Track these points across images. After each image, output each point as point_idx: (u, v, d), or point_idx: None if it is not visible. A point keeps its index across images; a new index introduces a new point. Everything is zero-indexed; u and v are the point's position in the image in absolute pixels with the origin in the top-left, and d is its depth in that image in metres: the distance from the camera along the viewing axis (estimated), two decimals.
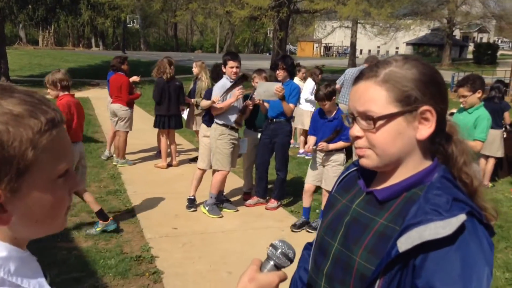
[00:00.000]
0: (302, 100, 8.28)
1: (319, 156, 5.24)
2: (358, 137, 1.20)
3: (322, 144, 5.00)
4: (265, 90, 5.56)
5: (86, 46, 54.78)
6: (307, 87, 8.75)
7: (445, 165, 1.21)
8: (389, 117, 1.14)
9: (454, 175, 1.20)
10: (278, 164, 6.05)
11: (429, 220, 1.05)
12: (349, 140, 5.23)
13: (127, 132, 7.90)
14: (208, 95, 5.87)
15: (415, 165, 1.19)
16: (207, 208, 5.70)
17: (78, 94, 17.44)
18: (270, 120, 5.96)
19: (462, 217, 1.04)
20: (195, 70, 7.81)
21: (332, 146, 5.05)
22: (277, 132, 5.91)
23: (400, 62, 1.18)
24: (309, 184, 5.39)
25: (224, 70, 5.62)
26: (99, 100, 15.50)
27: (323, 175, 5.25)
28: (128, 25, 44.51)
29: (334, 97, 5.11)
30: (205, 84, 7.68)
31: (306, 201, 5.46)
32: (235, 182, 6.98)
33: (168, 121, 7.69)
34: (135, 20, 45.02)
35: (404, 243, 1.05)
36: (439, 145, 1.23)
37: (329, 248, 1.29)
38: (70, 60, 30.94)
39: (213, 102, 5.54)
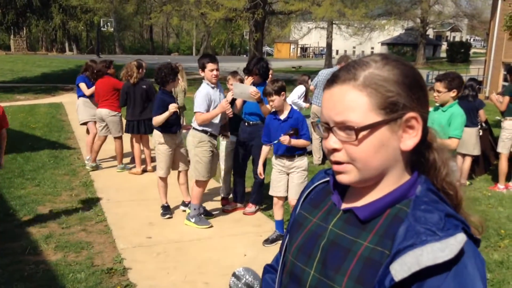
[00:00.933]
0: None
1: (281, 164, 4.93)
2: (335, 150, 1.05)
3: (285, 137, 4.60)
4: (242, 92, 5.43)
5: (60, 51, 53.90)
6: (297, 92, 8.51)
7: (426, 176, 1.08)
8: (372, 127, 1.00)
9: (437, 186, 1.08)
10: (256, 167, 5.89)
11: (423, 242, 0.91)
12: (310, 139, 5.08)
13: (107, 136, 7.74)
14: (160, 104, 5.50)
15: (397, 178, 1.06)
16: (192, 220, 5.39)
17: (51, 99, 17.11)
18: (247, 123, 5.82)
19: (461, 237, 0.92)
20: None
21: (293, 142, 4.66)
22: (254, 135, 5.76)
23: (380, 62, 1.03)
24: (276, 198, 5.07)
25: (202, 74, 5.33)
26: (73, 105, 15.03)
27: (289, 183, 4.94)
28: (102, 29, 43.90)
29: (283, 93, 4.77)
30: (181, 87, 7.52)
31: (277, 213, 5.11)
32: (212, 186, 6.82)
33: (137, 125, 7.44)
34: (109, 24, 44.32)
35: (400, 270, 0.91)
36: (419, 154, 1.09)
37: (304, 276, 1.12)
38: (43, 65, 30.34)
39: (170, 114, 5.40)
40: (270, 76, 6.05)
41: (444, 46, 56.46)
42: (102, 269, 4.29)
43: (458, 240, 0.91)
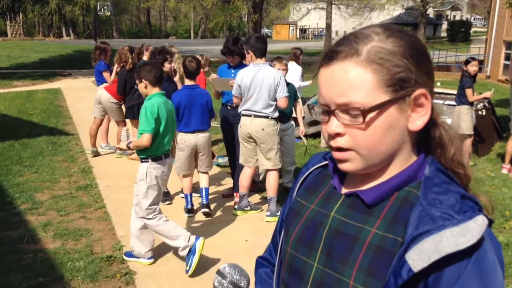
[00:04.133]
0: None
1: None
2: (338, 135, 0.94)
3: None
4: (222, 84, 5.42)
5: (57, 36, 53.40)
6: (295, 73, 8.11)
7: (432, 155, 0.99)
8: (381, 108, 0.90)
9: (445, 166, 0.98)
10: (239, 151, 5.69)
11: (441, 227, 0.83)
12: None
13: (103, 120, 7.64)
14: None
15: (404, 159, 0.97)
16: (279, 213, 5.16)
17: (49, 85, 16.95)
18: (229, 106, 5.64)
19: (481, 220, 0.84)
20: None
21: None
22: (239, 117, 5.61)
23: (383, 34, 0.92)
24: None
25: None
26: (71, 90, 15.04)
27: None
28: (99, 13, 43.50)
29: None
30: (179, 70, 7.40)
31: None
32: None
33: (137, 110, 7.31)
34: (105, 7, 43.92)
35: (418, 259, 0.82)
36: (424, 133, 0.99)
37: (306, 269, 1.02)
38: (41, 51, 30.02)
39: None
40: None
41: (445, 25, 55.95)
42: (101, 256, 4.23)
43: (478, 224, 0.83)
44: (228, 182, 6.35)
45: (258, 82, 4.87)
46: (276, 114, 5.01)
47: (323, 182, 1.11)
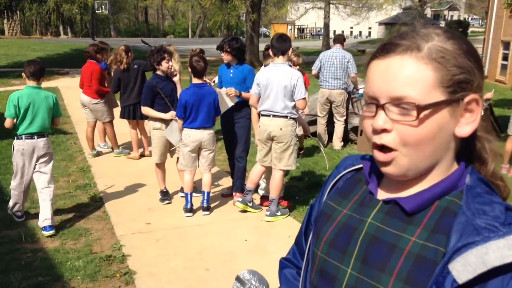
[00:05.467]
0: None
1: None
2: (384, 130, 0.91)
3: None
4: (225, 99, 5.41)
5: (54, 34, 53.27)
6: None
7: (471, 166, 0.97)
8: (436, 107, 0.88)
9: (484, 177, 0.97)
10: (239, 150, 5.67)
11: (486, 239, 0.81)
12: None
13: (96, 121, 7.60)
14: (148, 93, 5.44)
15: (446, 167, 0.94)
16: (279, 214, 5.19)
17: (47, 83, 16.88)
18: None
19: None
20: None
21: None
22: (238, 116, 5.60)
23: (443, 36, 0.91)
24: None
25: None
26: (69, 89, 14.99)
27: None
28: (96, 11, 43.42)
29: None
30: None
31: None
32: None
33: (133, 111, 7.26)
34: (103, 6, 43.78)
35: (463, 271, 0.80)
36: (466, 143, 0.97)
37: (339, 275, 1.00)
38: (38, 49, 29.93)
39: (165, 118, 5.37)
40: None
41: (442, 25, 56.06)
42: (100, 256, 4.22)
43: None
44: (227, 182, 6.34)
45: (275, 82, 4.85)
46: (295, 114, 5.00)
47: (356, 186, 1.09)
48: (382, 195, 1.01)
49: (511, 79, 17.66)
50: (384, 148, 0.92)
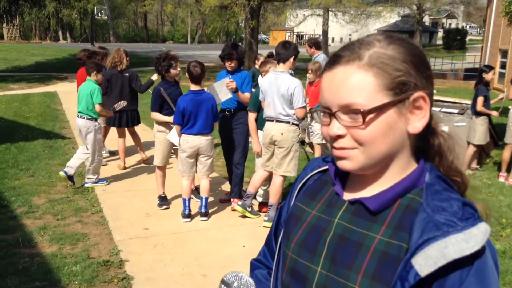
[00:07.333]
0: None
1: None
2: (340, 136, 0.97)
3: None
4: (219, 92, 5.41)
5: (53, 39, 53.31)
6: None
7: (431, 163, 1.02)
8: (380, 110, 0.93)
9: (444, 173, 1.01)
10: (237, 156, 5.67)
11: (446, 233, 0.86)
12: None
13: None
14: (156, 99, 5.54)
15: (404, 165, 0.99)
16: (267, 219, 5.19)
17: (46, 88, 16.92)
18: (227, 111, 5.66)
19: (484, 227, 0.87)
20: None
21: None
22: (237, 122, 5.62)
23: (384, 42, 0.96)
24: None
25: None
26: (67, 94, 14.99)
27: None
28: (96, 17, 43.48)
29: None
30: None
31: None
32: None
33: (119, 118, 7.03)
34: (103, 11, 43.92)
35: (425, 264, 0.85)
36: (423, 140, 1.02)
37: (309, 274, 1.03)
38: (37, 54, 29.99)
39: (171, 123, 5.38)
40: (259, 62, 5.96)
41: (440, 33, 56.31)
42: (98, 261, 4.21)
43: (481, 231, 0.86)
44: (225, 188, 6.34)
45: (274, 90, 4.91)
46: (297, 120, 5.01)
47: (324, 187, 1.13)
48: (347, 195, 1.06)
49: (509, 87, 17.72)
50: (343, 148, 0.98)
